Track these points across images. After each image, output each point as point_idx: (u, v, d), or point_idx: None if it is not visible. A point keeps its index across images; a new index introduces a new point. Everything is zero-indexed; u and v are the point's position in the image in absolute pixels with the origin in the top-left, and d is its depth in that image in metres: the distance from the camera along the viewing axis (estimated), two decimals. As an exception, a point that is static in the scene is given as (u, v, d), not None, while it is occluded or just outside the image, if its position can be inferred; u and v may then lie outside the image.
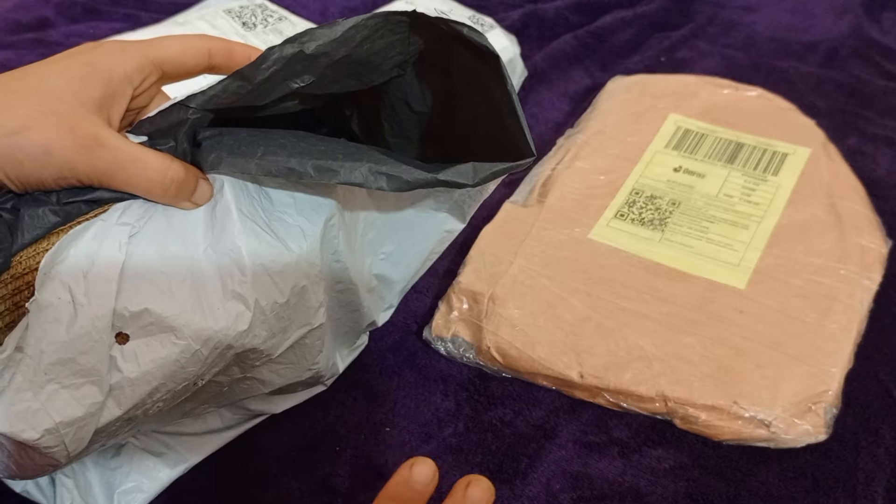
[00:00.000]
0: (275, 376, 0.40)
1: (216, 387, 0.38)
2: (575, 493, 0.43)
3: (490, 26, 0.69)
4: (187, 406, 0.39)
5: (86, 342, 0.32)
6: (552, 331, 0.48)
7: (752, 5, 0.79)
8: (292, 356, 0.39)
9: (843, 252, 0.51)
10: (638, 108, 0.63)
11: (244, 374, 0.38)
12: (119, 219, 0.34)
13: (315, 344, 0.40)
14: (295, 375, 0.41)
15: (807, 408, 0.44)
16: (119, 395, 0.33)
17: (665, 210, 0.55)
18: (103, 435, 0.34)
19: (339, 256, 0.40)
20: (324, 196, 0.38)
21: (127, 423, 0.35)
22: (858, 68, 0.70)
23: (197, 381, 0.35)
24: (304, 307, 0.38)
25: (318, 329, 0.39)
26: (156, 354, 0.33)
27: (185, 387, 0.35)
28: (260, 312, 0.35)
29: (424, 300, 0.53)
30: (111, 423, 0.33)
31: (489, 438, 0.46)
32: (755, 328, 0.47)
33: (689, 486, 0.43)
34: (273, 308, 0.36)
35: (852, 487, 0.43)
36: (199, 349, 0.34)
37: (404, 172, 0.33)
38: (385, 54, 0.36)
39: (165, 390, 0.34)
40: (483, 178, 0.34)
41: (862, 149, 0.62)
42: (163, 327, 0.33)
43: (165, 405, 0.35)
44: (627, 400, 0.46)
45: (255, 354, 0.37)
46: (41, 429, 0.31)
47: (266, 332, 0.36)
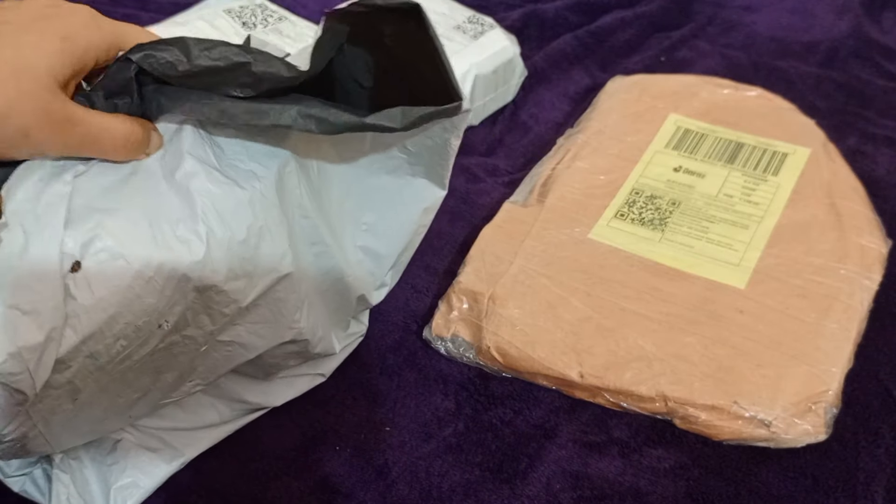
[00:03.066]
0: (254, 337, 0.40)
1: (192, 345, 0.38)
2: (575, 492, 0.43)
3: (490, 26, 0.69)
4: (169, 375, 0.39)
5: (39, 269, 0.32)
6: (552, 331, 0.48)
7: (752, 5, 0.79)
8: (267, 312, 0.39)
9: (843, 252, 0.51)
10: (638, 108, 0.63)
11: (216, 326, 0.38)
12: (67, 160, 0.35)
13: (290, 298, 0.40)
14: (275, 336, 0.41)
15: (807, 408, 0.44)
16: (75, 323, 0.33)
17: (665, 210, 0.55)
18: (68, 374, 0.34)
19: (305, 212, 0.41)
20: (276, 145, 0.39)
21: (92, 363, 0.34)
22: (858, 68, 0.70)
23: (161, 321, 0.35)
24: (268, 251, 0.38)
25: (287, 279, 0.39)
26: (108, 282, 0.33)
27: (146, 323, 0.35)
28: (216, 246, 0.35)
29: (424, 300, 0.53)
30: (72, 352, 0.33)
31: (489, 438, 0.46)
32: (755, 328, 0.47)
33: (689, 485, 0.43)
34: (230, 245, 0.36)
35: (852, 487, 0.43)
36: (152, 276, 0.34)
37: (332, 115, 0.35)
38: (322, 58, 0.38)
39: (124, 322, 0.34)
40: (411, 122, 0.35)
41: (862, 149, 0.62)
42: (114, 254, 0.33)
43: (130, 346, 0.35)
44: (627, 400, 0.46)
45: (221, 297, 0.37)
46: (4, 353, 0.31)
47: (225, 270, 0.36)
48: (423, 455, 0.45)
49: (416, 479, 0.44)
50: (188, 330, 0.37)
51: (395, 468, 0.45)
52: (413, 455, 0.45)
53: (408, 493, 0.44)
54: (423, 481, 0.44)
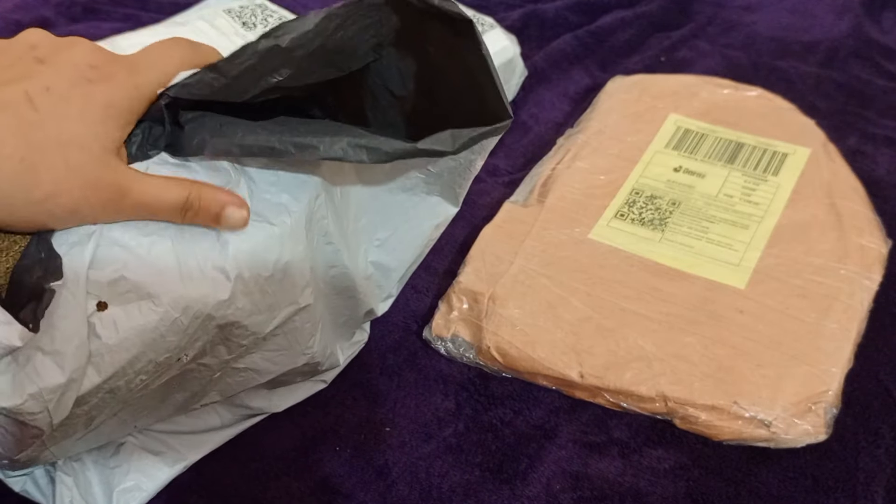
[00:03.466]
0: (269, 364, 0.40)
1: (206, 372, 0.38)
2: (575, 493, 0.43)
3: (490, 26, 0.69)
4: (179, 396, 0.39)
5: (64, 310, 0.32)
6: (552, 331, 0.48)
7: (752, 5, 0.79)
8: (283, 340, 0.39)
9: (843, 252, 0.51)
10: (638, 108, 0.63)
11: (232, 355, 0.38)
12: None
13: (306, 327, 0.40)
14: (289, 362, 0.41)
15: (807, 408, 0.44)
16: (99, 362, 0.33)
17: (665, 210, 0.55)
18: (86, 407, 0.34)
19: (329, 238, 0.40)
20: (309, 174, 0.39)
21: (111, 397, 0.34)
22: (858, 68, 0.70)
23: (181, 355, 0.35)
24: (291, 284, 0.38)
25: (306, 310, 0.39)
26: (134, 322, 0.33)
27: (167, 359, 0.35)
28: (242, 284, 0.35)
29: (424, 300, 0.53)
30: (92, 391, 0.33)
31: (489, 438, 0.46)
32: (755, 328, 0.47)
33: (689, 486, 0.43)
34: (256, 281, 0.36)
35: (852, 487, 0.43)
36: (178, 317, 0.34)
37: (383, 144, 0.34)
38: (359, 39, 0.36)
39: (146, 360, 0.34)
40: (462, 144, 0.34)
41: (862, 149, 0.62)
42: (141, 294, 0.33)
43: (150, 379, 0.35)
44: (627, 400, 0.46)
45: (241, 331, 0.37)
46: (25, 394, 0.31)
47: (249, 306, 0.36)
48: (423, 455, 0.45)
49: (416, 480, 0.44)
50: (205, 359, 0.37)
51: (395, 468, 0.45)
52: (413, 455, 0.45)
53: (408, 493, 0.44)
54: (423, 482, 0.44)
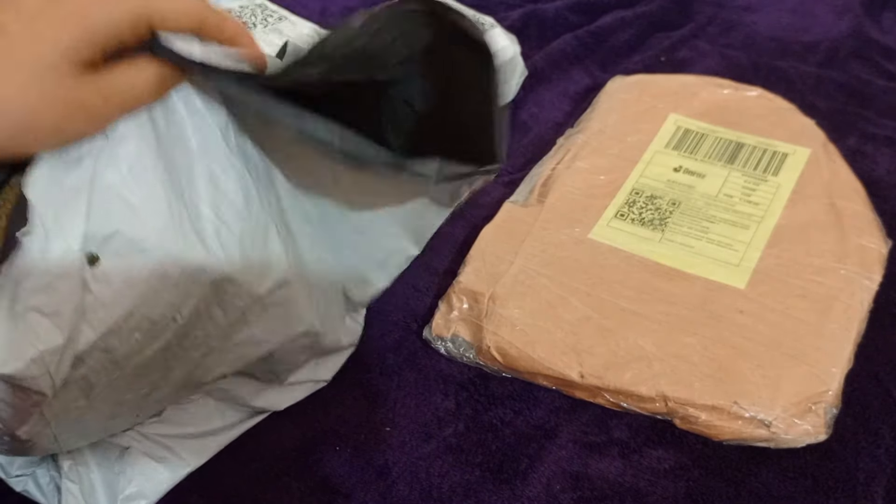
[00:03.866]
0: (267, 333, 0.40)
1: (204, 340, 0.37)
2: (575, 493, 0.43)
3: (490, 26, 0.68)
4: (179, 371, 0.38)
5: (60, 269, 0.32)
6: (552, 331, 0.48)
7: (752, 5, 0.79)
8: (280, 310, 0.39)
9: (843, 252, 0.51)
10: (638, 108, 0.63)
11: (229, 320, 0.37)
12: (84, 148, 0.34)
13: (301, 294, 0.40)
14: (288, 331, 0.40)
15: (807, 408, 0.44)
16: (93, 318, 0.33)
17: (665, 210, 0.55)
18: (83, 370, 0.34)
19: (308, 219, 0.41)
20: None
21: (107, 358, 0.34)
22: (858, 68, 0.70)
23: (175, 313, 0.35)
24: (278, 250, 0.38)
25: (294, 276, 0.39)
26: (127, 275, 0.33)
27: (161, 316, 0.35)
28: (232, 238, 0.35)
29: (424, 300, 0.53)
30: (88, 350, 0.33)
31: (489, 438, 0.46)
32: (755, 328, 0.47)
33: (689, 486, 0.43)
34: (243, 237, 0.36)
35: (852, 488, 0.43)
36: (169, 269, 0.34)
37: (369, 148, 0.34)
38: (393, 48, 0.36)
39: (140, 316, 0.34)
40: (444, 178, 0.35)
41: (862, 149, 0.62)
42: (134, 248, 0.33)
43: (145, 340, 0.35)
44: (627, 400, 0.46)
45: (235, 288, 0.36)
46: (26, 358, 0.31)
47: (240, 261, 0.36)
48: (424, 455, 0.45)
49: (417, 480, 0.44)
50: (201, 324, 0.37)
51: (395, 468, 0.45)
52: (413, 455, 0.45)
53: (408, 493, 0.44)
54: (424, 481, 0.44)
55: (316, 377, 0.47)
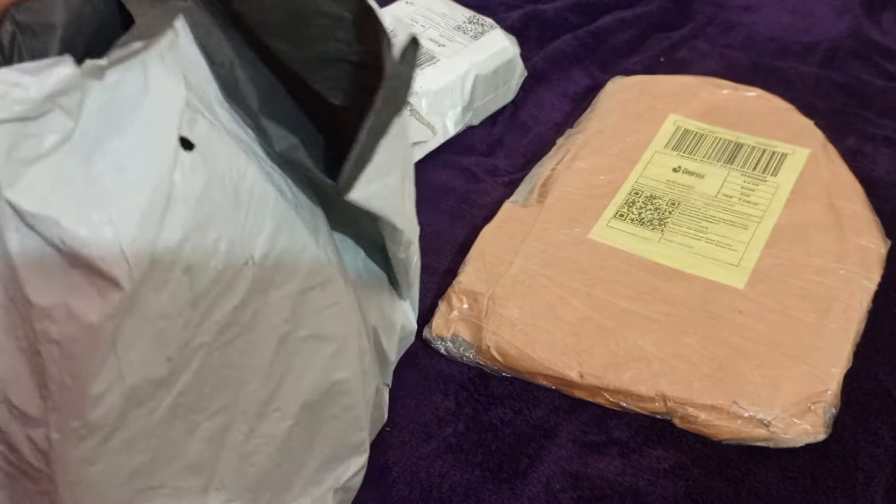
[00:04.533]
0: (332, 326, 0.36)
1: (271, 321, 0.33)
2: (575, 492, 0.43)
3: (490, 26, 0.69)
4: (253, 384, 0.34)
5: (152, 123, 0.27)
6: (552, 331, 0.48)
7: (752, 5, 0.79)
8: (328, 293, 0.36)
9: (843, 252, 0.51)
10: (638, 108, 0.63)
11: (292, 285, 0.34)
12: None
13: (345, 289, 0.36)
14: (346, 319, 0.36)
15: (806, 407, 0.44)
16: (181, 210, 0.28)
17: (665, 210, 0.55)
18: (163, 290, 0.29)
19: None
20: None
21: (187, 283, 0.29)
22: (858, 68, 0.70)
23: (247, 254, 0.31)
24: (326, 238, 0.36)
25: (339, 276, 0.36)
26: (214, 169, 0.29)
27: (236, 246, 0.31)
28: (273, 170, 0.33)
29: (424, 300, 0.53)
30: (171, 252, 0.28)
31: (489, 438, 0.46)
32: (755, 328, 0.47)
33: (688, 485, 0.43)
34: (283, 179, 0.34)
35: (851, 487, 0.43)
36: (244, 174, 0.31)
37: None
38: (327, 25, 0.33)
39: (218, 229, 0.30)
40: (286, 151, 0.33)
41: (861, 149, 0.62)
42: (213, 141, 0.29)
43: (222, 275, 0.30)
44: (627, 399, 0.46)
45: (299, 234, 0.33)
46: (86, 214, 0.26)
47: (293, 197, 0.34)
48: (424, 455, 0.45)
49: (417, 479, 0.44)
50: (271, 292, 0.33)
51: (396, 468, 0.45)
52: (413, 455, 0.45)
53: (408, 493, 0.44)
54: (424, 481, 0.44)
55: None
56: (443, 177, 0.62)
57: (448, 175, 0.62)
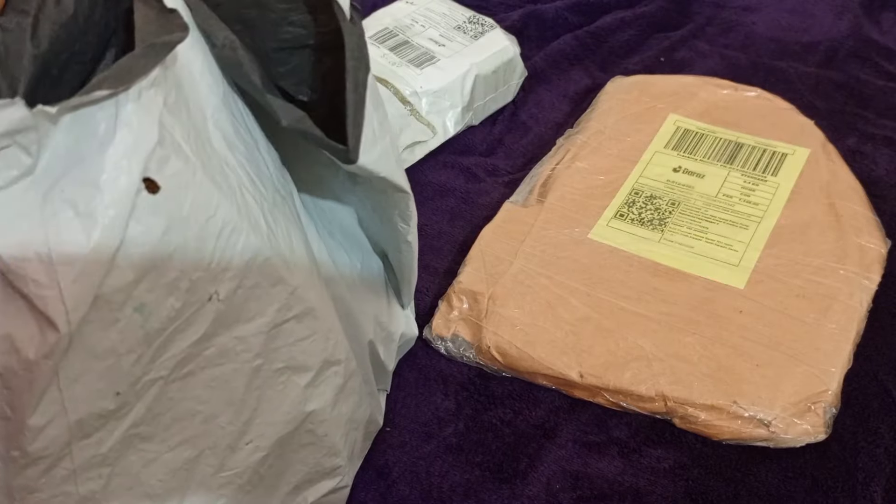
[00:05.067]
0: (303, 355, 0.35)
1: (244, 354, 0.33)
2: (575, 492, 0.43)
3: (490, 26, 0.69)
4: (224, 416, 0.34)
5: (115, 165, 0.27)
6: (552, 330, 0.48)
7: (752, 5, 0.79)
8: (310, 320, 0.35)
9: (843, 252, 0.51)
10: (638, 108, 0.63)
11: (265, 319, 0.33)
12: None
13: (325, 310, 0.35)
14: (320, 349, 0.36)
15: (806, 407, 0.44)
16: (134, 253, 0.27)
17: (665, 210, 0.55)
18: (113, 327, 0.28)
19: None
20: None
21: (139, 321, 0.29)
22: (858, 68, 0.70)
23: (212, 289, 0.31)
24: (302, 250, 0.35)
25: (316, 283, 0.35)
26: (178, 213, 0.28)
27: (200, 283, 0.30)
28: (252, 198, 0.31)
29: (425, 300, 0.53)
30: (121, 292, 0.28)
31: (489, 438, 0.46)
32: (755, 328, 0.47)
33: (688, 485, 0.43)
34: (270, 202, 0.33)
35: (851, 487, 0.43)
36: (212, 216, 0.30)
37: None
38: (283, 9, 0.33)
39: (179, 269, 0.29)
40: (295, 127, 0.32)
41: (861, 149, 0.62)
42: (183, 182, 0.28)
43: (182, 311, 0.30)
44: (627, 399, 0.46)
45: (268, 268, 0.32)
46: (31, 250, 0.25)
47: (268, 232, 0.32)
48: (424, 455, 0.45)
49: (417, 479, 0.44)
50: (239, 326, 0.32)
51: (396, 468, 0.45)
52: (413, 455, 0.45)
53: (408, 493, 0.44)
54: (424, 481, 0.44)
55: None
56: (443, 177, 0.62)
57: (448, 175, 0.62)
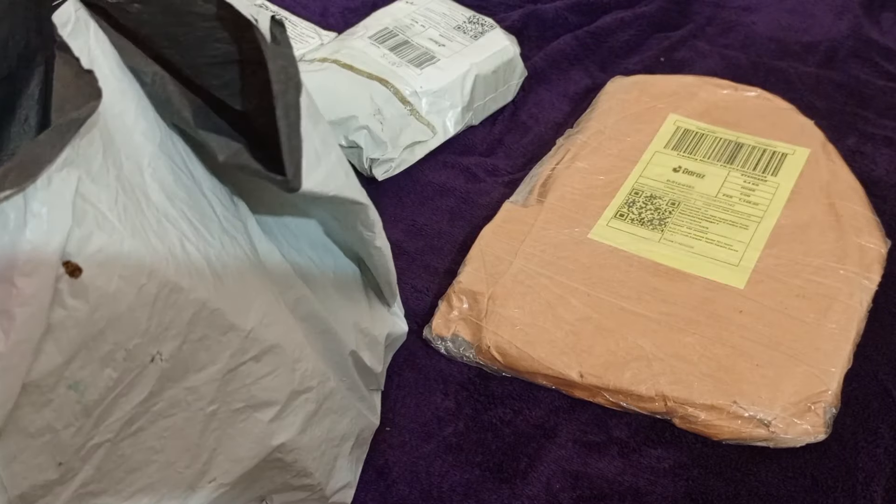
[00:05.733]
0: (265, 392, 0.34)
1: (196, 402, 0.32)
2: (575, 492, 0.43)
3: (490, 26, 0.69)
4: (181, 461, 0.33)
5: (28, 259, 0.26)
6: (552, 330, 0.48)
7: (752, 5, 0.79)
8: (272, 357, 0.34)
9: (843, 252, 0.51)
10: (637, 108, 0.64)
11: (217, 366, 0.32)
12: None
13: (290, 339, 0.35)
14: (285, 384, 0.35)
15: (806, 407, 0.44)
16: (61, 336, 0.27)
17: (665, 210, 0.55)
18: (46, 408, 0.28)
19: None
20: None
21: (76, 399, 0.29)
22: (857, 68, 0.70)
23: (154, 350, 0.30)
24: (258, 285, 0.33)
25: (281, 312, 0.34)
26: (105, 289, 0.28)
27: (138, 349, 0.30)
28: (209, 252, 0.30)
29: (425, 299, 0.53)
30: (51, 376, 0.28)
31: (489, 438, 0.46)
32: (754, 328, 0.47)
33: (688, 485, 0.43)
34: (220, 256, 0.31)
35: (851, 487, 0.43)
36: (145, 283, 0.29)
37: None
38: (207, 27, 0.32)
39: (113, 342, 0.29)
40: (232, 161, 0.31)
41: (861, 149, 0.62)
42: (110, 255, 0.28)
43: (121, 378, 0.30)
44: (627, 399, 0.46)
45: (218, 319, 0.31)
46: None
47: (215, 283, 0.31)
48: (424, 455, 0.45)
49: (417, 479, 0.44)
50: (189, 377, 0.32)
51: (396, 468, 0.45)
52: (413, 455, 0.45)
53: (408, 493, 0.44)
54: (424, 481, 0.44)
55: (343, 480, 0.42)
56: (443, 177, 0.62)
57: (448, 175, 0.62)
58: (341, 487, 0.41)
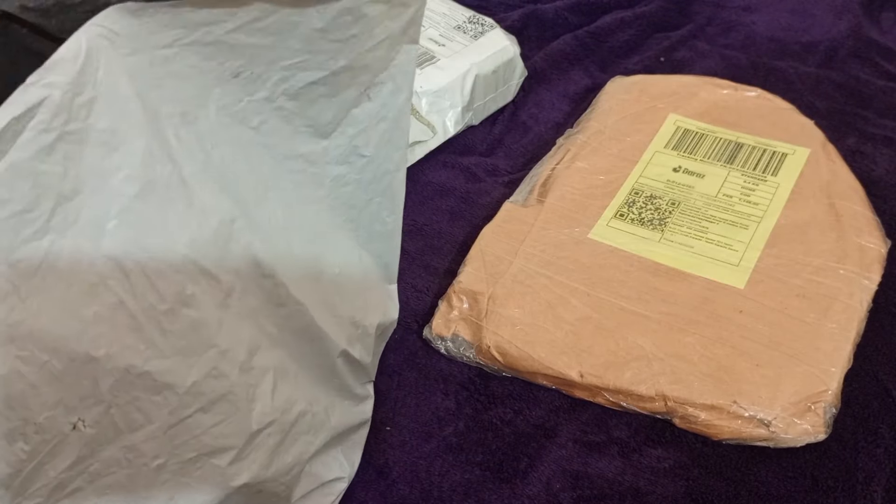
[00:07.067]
0: (217, 439, 0.33)
1: (138, 459, 0.31)
2: (575, 492, 0.43)
3: (490, 26, 0.69)
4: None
5: None
6: (552, 330, 0.48)
7: (752, 5, 0.79)
8: (225, 404, 0.32)
9: (843, 252, 0.51)
10: (637, 108, 0.64)
11: (155, 424, 0.31)
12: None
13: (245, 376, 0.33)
14: (242, 430, 0.33)
15: (806, 407, 0.44)
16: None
17: (665, 210, 0.55)
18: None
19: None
20: None
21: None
22: (857, 68, 0.70)
23: (73, 419, 0.29)
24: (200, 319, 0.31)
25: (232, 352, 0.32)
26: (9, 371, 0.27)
27: (50, 421, 0.28)
28: (127, 316, 0.28)
29: (425, 299, 0.53)
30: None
31: (489, 438, 0.46)
32: (755, 328, 0.47)
33: (688, 485, 0.43)
34: (151, 313, 0.29)
35: (852, 487, 0.43)
36: (48, 360, 0.27)
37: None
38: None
39: (19, 418, 0.28)
40: None
41: (861, 149, 0.62)
42: (4, 338, 0.27)
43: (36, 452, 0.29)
44: (627, 399, 0.46)
45: (150, 382, 0.30)
46: None
47: (144, 347, 0.29)
48: (424, 455, 0.45)
49: (417, 479, 0.44)
50: (124, 438, 0.30)
51: (396, 468, 0.45)
52: (413, 455, 0.45)
53: (408, 492, 0.44)
54: (424, 481, 0.44)
55: (331, 475, 0.41)
56: (443, 177, 0.62)
57: (448, 175, 0.62)
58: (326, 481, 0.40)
